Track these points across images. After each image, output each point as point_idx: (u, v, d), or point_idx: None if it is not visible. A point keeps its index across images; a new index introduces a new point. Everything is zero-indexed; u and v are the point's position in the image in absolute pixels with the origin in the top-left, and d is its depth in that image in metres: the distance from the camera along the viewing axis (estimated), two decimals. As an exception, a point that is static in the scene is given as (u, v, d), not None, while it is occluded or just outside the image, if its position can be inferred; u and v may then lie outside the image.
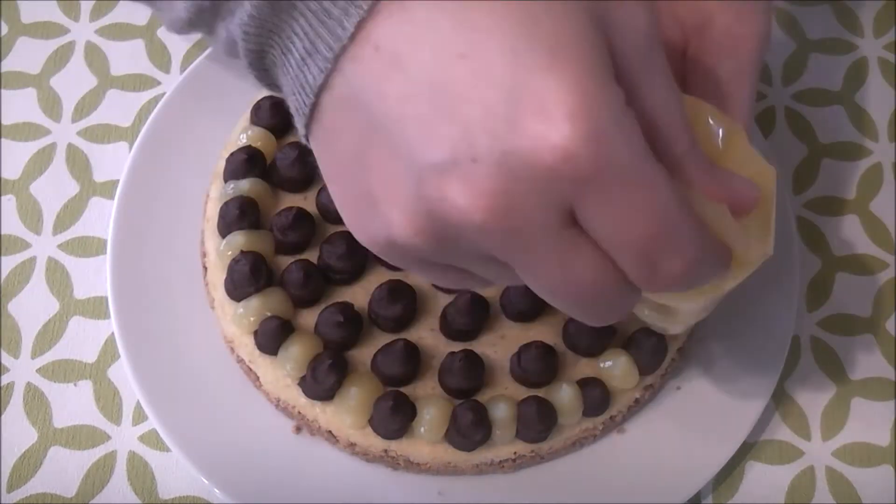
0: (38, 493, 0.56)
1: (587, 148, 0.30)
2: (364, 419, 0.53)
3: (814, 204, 0.65)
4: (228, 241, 0.55)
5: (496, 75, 0.31)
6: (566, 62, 0.31)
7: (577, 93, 0.30)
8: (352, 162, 0.35)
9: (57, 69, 0.68)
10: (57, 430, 0.58)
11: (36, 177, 0.64)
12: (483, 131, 0.31)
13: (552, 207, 0.31)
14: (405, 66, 0.32)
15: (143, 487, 0.56)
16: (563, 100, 0.30)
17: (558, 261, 0.32)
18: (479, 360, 0.53)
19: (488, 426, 0.52)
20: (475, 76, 0.31)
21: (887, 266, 0.63)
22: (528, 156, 0.30)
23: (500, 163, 0.31)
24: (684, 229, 0.33)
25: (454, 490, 0.55)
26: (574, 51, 0.31)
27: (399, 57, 0.32)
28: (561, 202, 0.31)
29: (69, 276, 0.62)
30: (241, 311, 0.54)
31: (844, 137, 0.67)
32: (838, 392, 0.59)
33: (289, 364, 0.53)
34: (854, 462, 0.58)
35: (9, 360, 0.59)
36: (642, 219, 0.32)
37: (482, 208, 0.31)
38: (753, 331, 0.58)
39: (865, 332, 0.61)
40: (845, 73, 0.69)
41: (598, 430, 0.55)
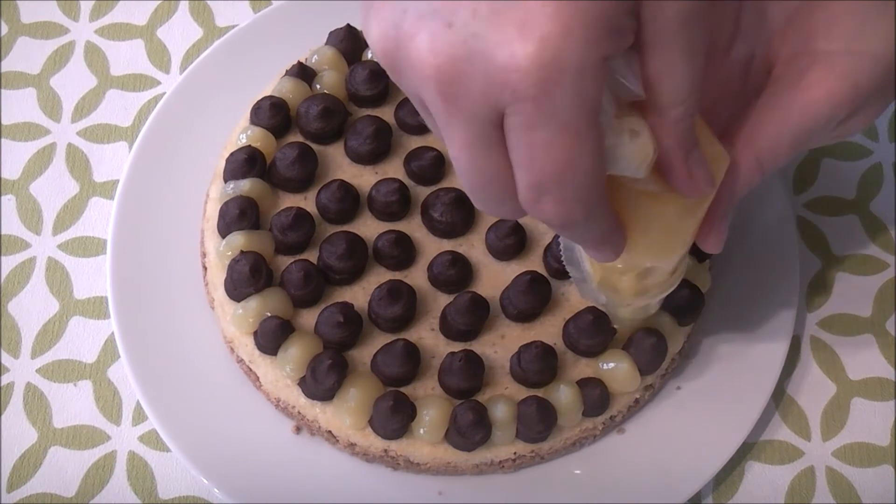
0: (38, 493, 0.56)
1: (537, 74, 0.32)
2: (364, 419, 0.53)
3: (814, 204, 0.65)
4: (228, 241, 0.55)
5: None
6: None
7: (560, 25, 0.32)
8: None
9: (57, 69, 0.68)
10: (57, 430, 0.58)
11: (36, 177, 0.64)
12: (471, 4, 0.33)
13: (487, 101, 0.34)
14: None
15: (143, 487, 0.56)
16: (544, 24, 0.32)
17: (470, 146, 0.36)
18: (479, 360, 0.53)
19: (488, 426, 0.52)
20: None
21: (887, 266, 0.63)
22: (490, 50, 0.33)
23: (467, 40, 0.33)
24: (580, 189, 0.35)
25: (454, 490, 0.55)
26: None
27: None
28: (496, 102, 0.34)
29: (69, 276, 0.62)
30: (240, 311, 0.54)
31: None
32: (838, 392, 0.59)
33: (288, 364, 0.53)
34: (854, 462, 0.58)
35: (9, 360, 0.59)
36: (549, 158, 0.34)
37: (433, 66, 0.34)
38: (753, 331, 0.58)
39: (865, 332, 0.61)
40: (845, 72, 0.69)
41: (598, 430, 0.55)
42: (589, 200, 0.36)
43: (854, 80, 0.42)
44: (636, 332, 0.54)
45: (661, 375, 0.56)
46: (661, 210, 0.41)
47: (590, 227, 0.38)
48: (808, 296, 0.62)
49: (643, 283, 0.47)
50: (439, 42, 0.34)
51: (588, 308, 0.54)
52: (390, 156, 0.59)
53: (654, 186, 0.40)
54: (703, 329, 0.59)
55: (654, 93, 0.37)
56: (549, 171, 0.35)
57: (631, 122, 0.37)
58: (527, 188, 0.36)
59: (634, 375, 0.53)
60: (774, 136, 0.42)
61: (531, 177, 0.35)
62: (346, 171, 0.59)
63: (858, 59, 0.42)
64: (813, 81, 0.42)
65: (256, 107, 0.59)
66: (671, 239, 0.43)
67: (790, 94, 0.42)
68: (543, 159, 0.34)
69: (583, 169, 0.35)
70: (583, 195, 0.36)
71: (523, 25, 0.32)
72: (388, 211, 0.57)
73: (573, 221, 0.37)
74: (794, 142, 0.43)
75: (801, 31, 0.43)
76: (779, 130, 0.42)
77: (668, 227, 0.42)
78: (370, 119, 0.58)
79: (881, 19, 0.42)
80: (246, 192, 0.56)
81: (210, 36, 0.68)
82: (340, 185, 0.57)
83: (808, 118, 0.42)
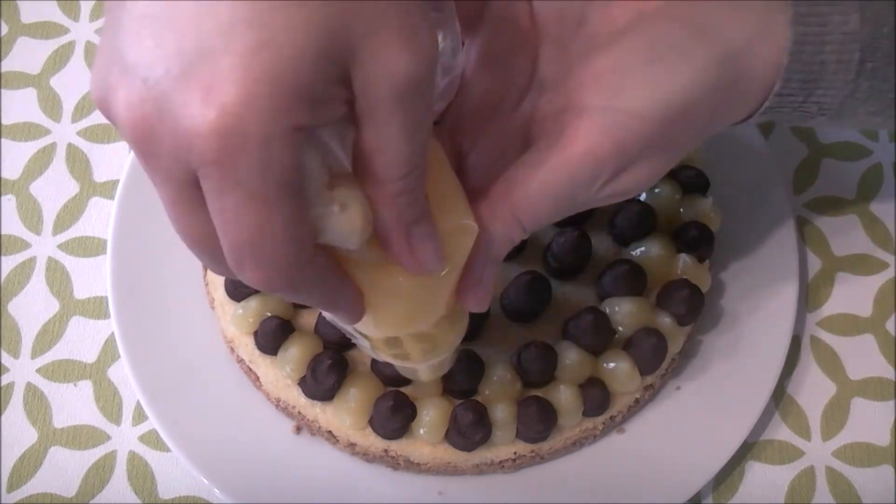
0: (38, 493, 0.56)
1: (219, 141, 0.32)
2: (364, 419, 0.53)
3: (814, 204, 0.65)
4: (228, 241, 0.55)
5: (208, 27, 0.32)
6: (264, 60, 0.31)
7: (244, 92, 0.31)
8: None
9: (57, 69, 0.68)
10: (57, 430, 0.58)
11: (36, 177, 0.64)
12: (165, 62, 0.32)
13: (179, 162, 0.33)
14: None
15: (143, 487, 0.56)
16: (228, 90, 0.31)
17: (173, 204, 0.36)
18: (479, 361, 0.53)
19: (488, 426, 0.52)
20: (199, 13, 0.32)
21: (887, 266, 0.63)
22: (177, 111, 0.32)
23: (158, 98, 0.32)
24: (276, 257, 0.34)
25: (454, 490, 0.55)
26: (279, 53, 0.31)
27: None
28: (187, 164, 0.33)
29: (69, 276, 0.62)
30: (240, 311, 0.54)
31: (844, 137, 0.67)
32: (838, 392, 0.59)
33: (288, 364, 0.53)
34: (854, 462, 0.58)
35: (9, 360, 0.59)
36: (238, 225, 0.34)
37: (129, 121, 0.33)
38: (753, 331, 0.58)
39: (865, 332, 0.61)
40: (845, 73, 0.69)
41: (598, 430, 0.55)
42: (289, 269, 0.35)
43: (615, 136, 0.40)
44: (636, 332, 0.54)
45: (661, 375, 0.56)
46: (394, 281, 0.39)
47: (305, 295, 0.38)
48: (808, 296, 0.62)
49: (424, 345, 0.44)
50: (134, 97, 0.33)
51: (588, 308, 0.54)
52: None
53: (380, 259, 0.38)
54: (703, 329, 0.59)
55: (371, 166, 0.35)
56: (240, 238, 0.34)
57: (342, 195, 0.36)
58: (227, 252, 0.35)
59: (634, 375, 0.53)
60: (534, 194, 0.41)
61: (227, 242, 0.35)
62: (347, 171, 0.59)
63: (620, 115, 0.40)
64: (573, 137, 0.40)
65: (256, 107, 0.59)
66: (416, 307, 0.41)
67: (551, 150, 0.40)
68: (234, 226, 0.34)
69: (275, 238, 0.34)
70: (280, 264, 0.35)
71: (209, 90, 0.31)
72: (388, 211, 0.57)
73: (277, 289, 0.36)
74: (555, 199, 0.41)
75: (568, 87, 0.42)
76: (538, 188, 0.40)
77: (408, 297, 0.40)
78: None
79: (644, 77, 0.40)
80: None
81: (210, 36, 0.68)
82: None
83: (567, 175, 0.40)
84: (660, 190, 0.57)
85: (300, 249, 0.35)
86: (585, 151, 0.40)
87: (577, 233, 0.55)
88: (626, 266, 0.55)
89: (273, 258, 0.35)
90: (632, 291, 0.55)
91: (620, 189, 0.42)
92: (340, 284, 0.39)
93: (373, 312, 0.40)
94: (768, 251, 0.60)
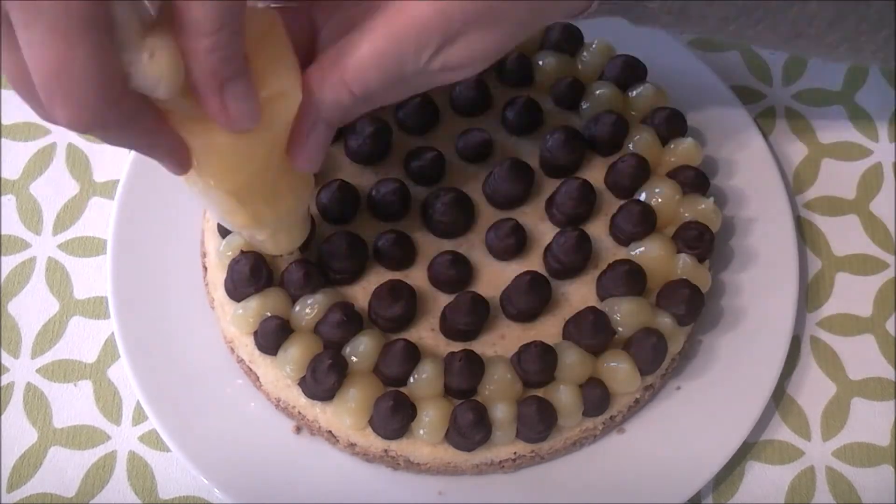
0: (38, 493, 0.56)
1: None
2: (364, 420, 0.53)
3: (814, 204, 0.65)
4: (228, 241, 0.55)
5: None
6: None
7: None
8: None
9: (57, 69, 0.68)
10: (57, 430, 0.58)
11: (36, 177, 0.64)
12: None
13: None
14: None
15: (143, 487, 0.56)
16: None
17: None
18: (479, 360, 0.53)
19: (488, 426, 0.52)
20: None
21: (887, 266, 0.63)
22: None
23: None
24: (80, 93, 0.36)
25: (454, 490, 0.55)
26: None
27: None
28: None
29: (69, 276, 0.62)
30: (240, 311, 0.54)
31: (844, 137, 0.67)
32: (838, 392, 0.60)
33: (288, 364, 0.53)
34: (854, 462, 0.58)
35: (9, 360, 0.59)
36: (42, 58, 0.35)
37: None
38: (753, 331, 0.58)
39: (865, 332, 0.61)
40: (845, 73, 0.69)
41: (598, 430, 0.55)
42: (95, 107, 0.36)
43: (439, 4, 0.42)
44: (636, 332, 0.54)
45: (661, 375, 0.56)
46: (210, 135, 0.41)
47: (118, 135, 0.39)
48: (808, 296, 0.62)
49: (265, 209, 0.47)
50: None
51: (588, 308, 0.54)
52: (390, 156, 0.59)
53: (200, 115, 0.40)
54: (703, 329, 0.59)
55: (183, 19, 0.37)
56: (45, 70, 0.35)
57: (152, 43, 0.37)
58: (39, 89, 0.37)
59: (634, 375, 0.53)
60: (361, 60, 0.42)
61: (36, 77, 0.36)
62: (346, 171, 0.59)
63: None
64: (401, 7, 0.42)
65: (256, 107, 0.59)
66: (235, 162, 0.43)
67: (381, 19, 0.42)
68: (39, 59, 0.35)
69: (79, 71, 0.35)
70: (87, 101, 0.36)
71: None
72: (388, 211, 0.57)
73: (84, 126, 0.37)
74: (382, 65, 0.43)
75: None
76: (366, 54, 0.42)
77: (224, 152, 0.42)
78: (370, 119, 0.58)
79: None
80: (246, 192, 0.56)
81: (210, 36, 0.68)
82: (340, 185, 0.57)
83: (393, 41, 0.42)
84: (660, 190, 0.57)
85: (107, 85, 0.36)
86: (410, 18, 0.42)
87: (577, 233, 0.55)
88: (626, 266, 0.55)
89: (79, 92, 0.36)
90: (632, 291, 0.55)
91: (454, 61, 0.44)
92: (158, 130, 0.40)
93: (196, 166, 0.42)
94: (768, 251, 0.60)
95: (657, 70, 0.62)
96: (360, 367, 0.53)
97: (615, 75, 0.61)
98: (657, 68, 0.62)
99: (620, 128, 0.59)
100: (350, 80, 0.43)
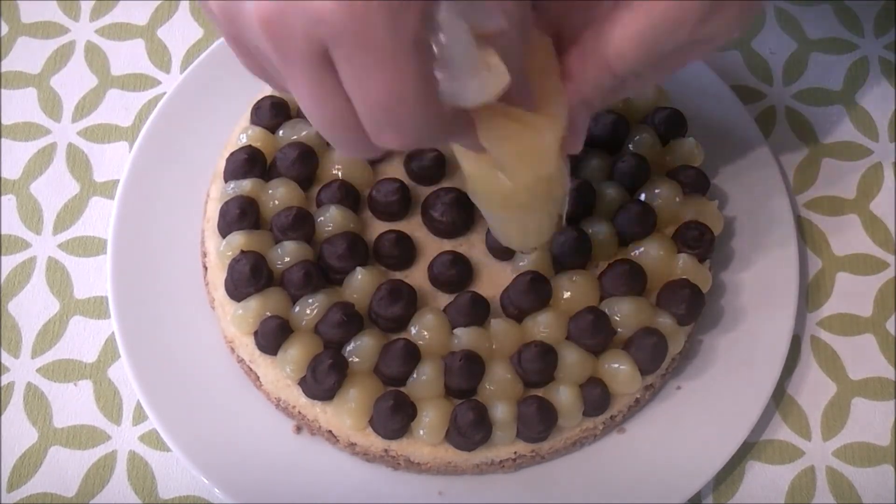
0: (38, 493, 0.56)
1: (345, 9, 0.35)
2: (364, 419, 0.53)
3: (814, 204, 0.65)
4: (229, 241, 0.55)
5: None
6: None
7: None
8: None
9: (57, 69, 0.68)
10: (57, 429, 0.58)
11: (36, 177, 0.64)
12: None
13: (311, 41, 0.36)
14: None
15: (143, 487, 0.56)
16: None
17: (308, 88, 0.38)
18: (479, 360, 0.53)
19: (488, 426, 0.52)
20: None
21: (887, 266, 0.63)
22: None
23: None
24: (414, 118, 0.38)
25: (454, 490, 0.55)
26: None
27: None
28: (319, 41, 0.36)
29: (69, 276, 0.62)
30: (240, 311, 0.54)
31: (844, 137, 0.67)
32: (838, 392, 0.60)
33: (289, 364, 0.53)
34: (854, 462, 0.58)
35: (9, 360, 0.59)
36: (374, 89, 0.37)
37: (261, 16, 0.37)
38: (753, 331, 0.58)
39: (865, 332, 0.61)
40: (845, 72, 0.69)
41: (598, 430, 0.55)
42: (425, 130, 0.38)
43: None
44: (636, 332, 0.54)
45: (662, 375, 0.56)
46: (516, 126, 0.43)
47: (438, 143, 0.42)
48: (808, 296, 0.62)
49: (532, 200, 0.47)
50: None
51: (588, 308, 0.54)
52: (390, 156, 0.59)
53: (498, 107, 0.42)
54: (703, 329, 0.59)
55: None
56: (377, 102, 0.37)
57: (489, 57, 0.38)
58: (365, 120, 0.38)
59: (635, 375, 0.53)
60: (621, 38, 0.42)
61: (364, 109, 0.37)
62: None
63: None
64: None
65: (257, 106, 0.59)
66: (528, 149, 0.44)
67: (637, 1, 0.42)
68: (369, 90, 0.37)
69: (409, 100, 0.37)
70: (417, 126, 0.38)
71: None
72: (388, 211, 0.57)
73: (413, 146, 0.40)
74: (642, 42, 0.42)
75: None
76: (625, 32, 0.42)
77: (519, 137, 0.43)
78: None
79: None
80: (246, 192, 0.56)
81: (210, 36, 0.69)
82: (340, 185, 0.57)
83: (652, 17, 0.42)
84: (660, 190, 0.57)
85: (434, 106, 0.38)
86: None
87: (577, 233, 0.55)
88: (626, 266, 0.55)
89: (411, 119, 0.38)
90: (632, 291, 0.55)
91: (709, 33, 0.43)
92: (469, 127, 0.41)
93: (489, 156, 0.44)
94: (768, 251, 0.60)
95: (657, 70, 0.62)
96: (360, 367, 0.53)
97: (615, 75, 0.61)
98: (657, 68, 0.62)
99: (620, 128, 0.59)
100: (612, 59, 0.43)
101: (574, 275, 0.55)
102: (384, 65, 0.36)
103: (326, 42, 0.36)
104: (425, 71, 0.37)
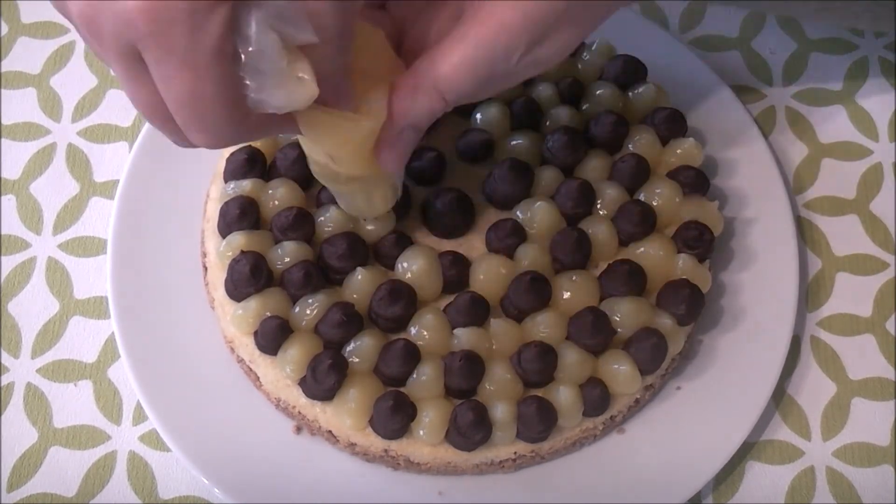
0: (38, 493, 0.56)
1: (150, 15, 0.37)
2: (364, 420, 0.53)
3: (814, 204, 0.65)
4: (228, 241, 0.55)
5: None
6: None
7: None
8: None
9: (57, 69, 0.68)
10: (57, 430, 0.58)
11: (36, 177, 0.64)
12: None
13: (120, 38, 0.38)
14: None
15: (143, 487, 0.56)
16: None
17: (125, 80, 0.40)
18: (479, 360, 0.53)
19: (488, 426, 0.52)
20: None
21: (887, 266, 0.63)
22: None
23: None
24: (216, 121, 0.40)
25: (454, 490, 0.55)
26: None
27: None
28: (128, 39, 0.38)
29: (69, 276, 0.62)
30: (240, 311, 0.54)
31: (844, 137, 0.67)
32: (838, 392, 0.60)
33: (288, 364, 0.53)
34: (854, 462, 0.58)
35: (9, 360, 0.59)
36: (176, 91, 0.39)
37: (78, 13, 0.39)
38: (753, 331, 0.58)
39: (865, 332, 0.61)
40: (845, 73, 0.69)
41: (598, 430, 0.55)
42: (227, 130, 0.40)
43: (523, 9, 0.43)
44: (636, 332, 0.54)
45: (661, 375, 0.56)
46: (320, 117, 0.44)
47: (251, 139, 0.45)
48: (808, 296, 0.62)
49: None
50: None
51: (588, 308, 0.54)
52: (390, 156, 0.59)
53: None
54: (703, 329, 0.59)
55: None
56: (179, 103, 0.39)
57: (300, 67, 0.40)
58: (175, 117, 0.40)
59: (635, 376, 0.53)
60: (453, 67, 0.44)
61: (171, 107, 0.40)
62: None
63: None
64: (489, 14, 0.43)
65: (256, 107, 0.59)
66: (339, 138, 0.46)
67: (470, 26, 0.44)
68: (172, 92, 0.39)
69: (210, 103, 0.39)
70: (220, 127, 0.40)
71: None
72: (389, 211, 0.57)
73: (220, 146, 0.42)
74: (474, 72, 0.44)
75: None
76: (458, 62, 0.44)
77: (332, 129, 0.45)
78: (370, 119, 0.58)
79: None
80: (246, 193, 0.56)
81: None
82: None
83: (483, 47, 0.44)
84: (660, 190, 0.57)
85: (234, 109, 0.40)
86: (499, 24, 0.43)
87: (577, 233, 0.55)
88: (625, 266, 0.55)
89: (210, 118, 0.40)
90: (632, 291, 0.55)
91: (540, 59, 0.45)
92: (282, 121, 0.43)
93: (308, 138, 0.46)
94: (768, 251, 0.60)
95: (657, 70, 0.62)
96: (360, 367, 0.53)
97: (615, 75, 0.61)
98: (657, 68, 0.62)
99: (620, 128, 0.59)
100: (443, 87, 0.45)
101: (574, 275, 0.55)
102: (184, 68, 0.38)
103: (134, 40, 0.38)
104: (228, 77, 0.39)
